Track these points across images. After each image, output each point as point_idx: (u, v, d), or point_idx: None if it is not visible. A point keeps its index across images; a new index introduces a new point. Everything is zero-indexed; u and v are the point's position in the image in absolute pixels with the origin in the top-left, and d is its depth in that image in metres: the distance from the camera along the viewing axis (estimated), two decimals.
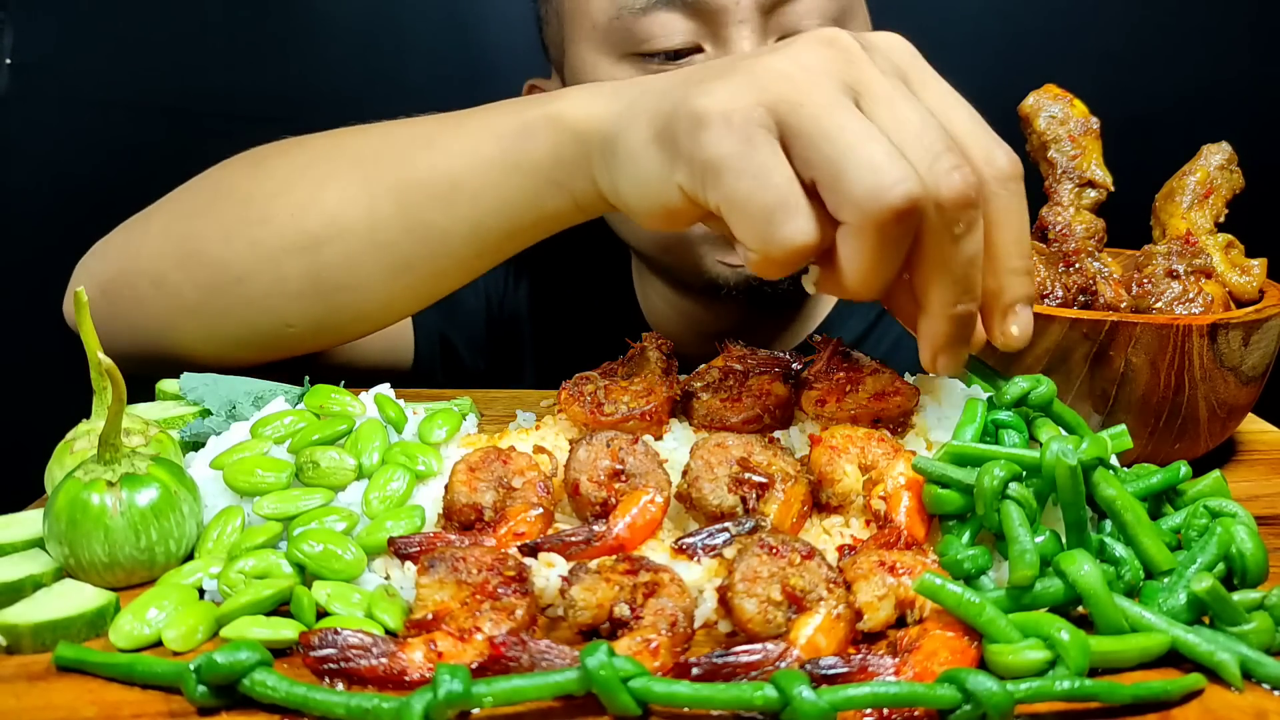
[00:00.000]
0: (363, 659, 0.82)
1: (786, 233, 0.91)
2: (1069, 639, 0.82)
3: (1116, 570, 0.92)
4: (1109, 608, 0.86)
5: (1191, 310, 1.22)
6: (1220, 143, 1.36)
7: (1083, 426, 1.05)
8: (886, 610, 0.89)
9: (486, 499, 1.01)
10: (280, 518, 1.01)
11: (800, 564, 0.88)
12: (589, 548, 0.96)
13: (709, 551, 0.95)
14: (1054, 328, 1.16)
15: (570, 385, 1.17)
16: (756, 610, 0.86)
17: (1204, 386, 1.16)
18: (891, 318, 1.66)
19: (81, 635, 0.89)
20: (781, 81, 0.94)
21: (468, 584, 0.88)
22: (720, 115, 0.94)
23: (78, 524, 0.94)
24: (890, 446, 1.05)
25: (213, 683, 0.79)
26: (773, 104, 0.93)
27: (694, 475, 1.01)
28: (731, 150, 0.93)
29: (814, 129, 0.91)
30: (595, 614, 0.89)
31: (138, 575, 0.97)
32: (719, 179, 0.94)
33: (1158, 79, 2.56)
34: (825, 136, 0.90)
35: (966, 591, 0.85)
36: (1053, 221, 1.33)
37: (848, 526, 1.03)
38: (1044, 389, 1.04)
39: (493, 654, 0.83)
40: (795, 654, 0.84)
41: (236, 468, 1.05)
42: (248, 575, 0.94)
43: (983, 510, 0.93)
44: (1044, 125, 1.36)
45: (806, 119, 0.92)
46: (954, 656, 0.84)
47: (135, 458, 0.98)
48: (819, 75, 0.94)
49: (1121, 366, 1.15)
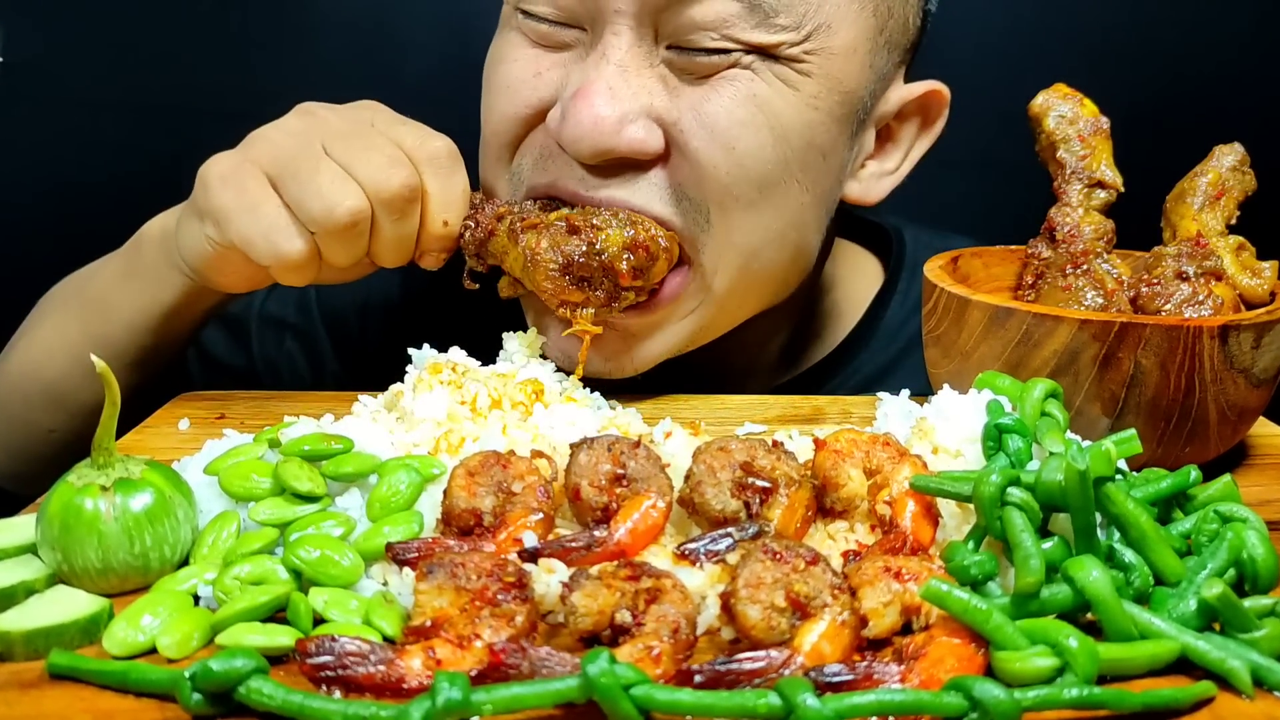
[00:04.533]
0: (360, 666, 0.83)
1: (284, 248, 1.32)
2: (1077, 646, 0.82)
3: (1126, 576, 0.92)
4: (1118, 614, 0.86)
5: (1201, 312, 1.22)
6: (1233, 143, 1.36)
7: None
8: (892, 617, 0.90)
9: (486, 504, 1.02)
10: (276, 523, 1.01)
11: (804, 570, 0.89)
12: (590, 553, 0.97)
13: (712, 557, 0.95)
14: (1062, 329, 1.17)
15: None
16: (760, 617, 0.87)
17: (1214, 389, 1.17)
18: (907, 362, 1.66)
19: (75, 642, 0.89)
20: (265, 143, 1.36)
21: (467, 590, 0.88)
22: (218, 176, 1.34)
23: (71, 529, 0.94)
24: (895, 451, 1.06)
25: (208, 691, 0.80)
26: (257, 159, 1.34)
27: (696, 480, 1.01)
28: (229, 198, 1.33)
29: (283, 172, 1.32)
30: (596, 620, 0.89)
31: (132, 581, 0.97)
32: (228, 221, 1.33)
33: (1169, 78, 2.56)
34: (292, 176, 1.32)
35: (973, 598, 0.85)
36: (1061, 222, 1.34)
37: (853, 532, 1.03)
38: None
39: (492, 661, 0.83)
40: (799, 661, 0.84)
41: (232, 473, 1.05)
42: (243, 581, 0.94)
43: (983, 519, 0.93)
44: (1053, 125, 1.36)
45: (279, 165, 1.33)
46: (960, 664, 0.84)
47: (129, 462, 0.99)
48: (294, 134, 1.36)
49: (1131, 369, 1.16)
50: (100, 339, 1.55)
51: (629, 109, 1.34)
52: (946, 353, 1.29)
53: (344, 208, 1.30)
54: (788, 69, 1.36)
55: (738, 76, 1.35)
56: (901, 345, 1.72)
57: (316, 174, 1.31)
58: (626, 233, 1.35)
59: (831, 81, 1.39)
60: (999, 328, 1.21)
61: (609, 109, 1.32)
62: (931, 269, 1.35)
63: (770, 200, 1.40)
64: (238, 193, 1.32)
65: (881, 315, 1.75)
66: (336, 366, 1.89)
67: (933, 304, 1.31)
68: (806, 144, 1.40)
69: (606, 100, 1.32)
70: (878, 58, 1.45)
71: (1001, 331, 1.21)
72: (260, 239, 1.31)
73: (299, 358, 1.89)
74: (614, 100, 1.33)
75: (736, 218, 1.39)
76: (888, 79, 1.50)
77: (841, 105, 1.42)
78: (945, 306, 1.28)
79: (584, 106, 1.33)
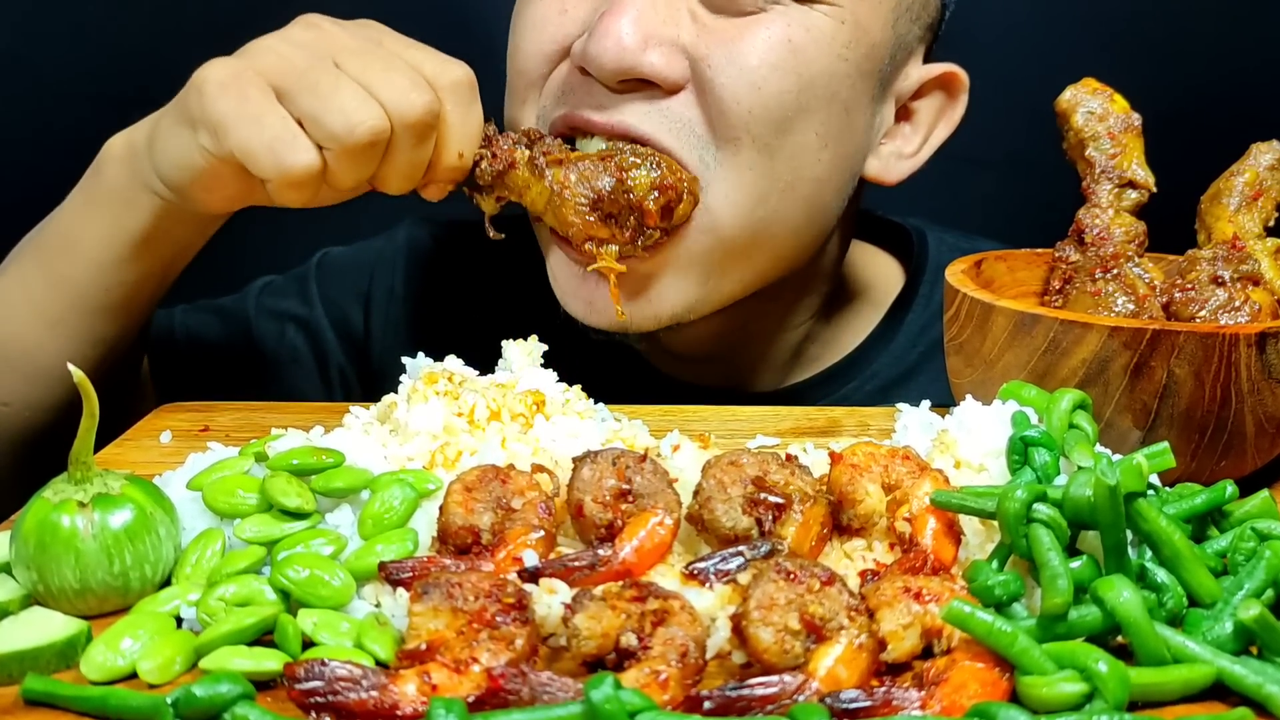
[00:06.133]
0: (352, 692, 0.83)
1: (289, 159, 1.29)
2: (1107, 670, 0.82)
3: (1158, 597, 0.92)
4: (1150, 637, 0.86)
5: (1238, 319, 1.22)
6: (1270, 141, 1.36)
7: None
8: (912, 640, 0.90)
9: (484, 521, 1.02)
10: (263, 541, 1.02)
11: (820, 590, 0.89)
12: (594, 573, 0.97)
13: (722, 577, 0.95)
14: (1091, 337, 1.17)
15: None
16: (773, 640, 0.87)
17: (1251, 400, 1.17)
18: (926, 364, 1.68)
19: (51, 666, 0.89)
20: (269, 54, 1.34)
21: (464, 612, 0.88)
22: (216, 82, 1.31)
23: (47, 547, 0.95)
24: (915, 465, 1.06)
25: (191, 718, 0.80)
26: (262, 69, 1.31)
27: (706, 495, 1.01)
28: (230, 106, 1.29)
29: (296, 85, 1.30)
30: (600, 644, 0.89)
31: (111, 602, 0.97)
32: (227, 130, 1.29)
33: (1203, 72, 2.55)
34: (310, 89, 1.30)
35: (997, 620, 0.85)
36: (1090, 224, 1.34)
37: (870, 550, 1.03)
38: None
39: (491, 687, 0.83)
40: (814, 686, 0.84)
41: (216, 488, 1.06)
42: (228, 602, 0.94)
43: (1008, 536, 0.93)
44: (1082, 122, 1.36)
45: (291, 78, 1.30)
46: (984, 689, 0.84)
47: (108, 476, 0.99)
48: (301, 46, 1.35)
49: (1163, 378, 1.16)
50: (63, 283, 1.50)
51: (655, 33, 1.42)
52: (969, 361, 1.29)
53: (366, 125, 1.29)
54: (821, 15, 1.44)
55: (771, 21, 1.43)
56: (922, 349, 1.74)
57: (337, 89, 1.30)
58: (654, 173, 1.40)
59: (860, 31, 1.47)
60: (1025, 335, 1.21)
61: (635, 28, 1.40)
62: (953, 273, 1.35)
63: (785, 147, 1.46)
64: (239, 100, 1.30)
65: (902, 318, 1.77)
66: (342, 358, 1.92)
67: (955, 310, 1.31)
68: (831, 95, 1.47)
69: (633, 20, 1.40)
70: (900, 21, 1.53)
71: (1027, 339, 1.21)
72: (264, 149, 1.29)
73: (303, 349, 1.92)
74: (640, 21, 1.41)
75: (747, 158, 1.45)
76: (909, 50, 1.58)
77: (868, 59, 1.50)
78: (968, 313, 1.28)
79: (611, 23, 1.40)
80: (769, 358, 1.78)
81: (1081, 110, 1.37)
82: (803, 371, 1.81)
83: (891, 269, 1.87)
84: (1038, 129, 1.08)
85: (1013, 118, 2.02)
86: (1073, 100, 1.37)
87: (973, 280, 1.34)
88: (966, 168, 1.74)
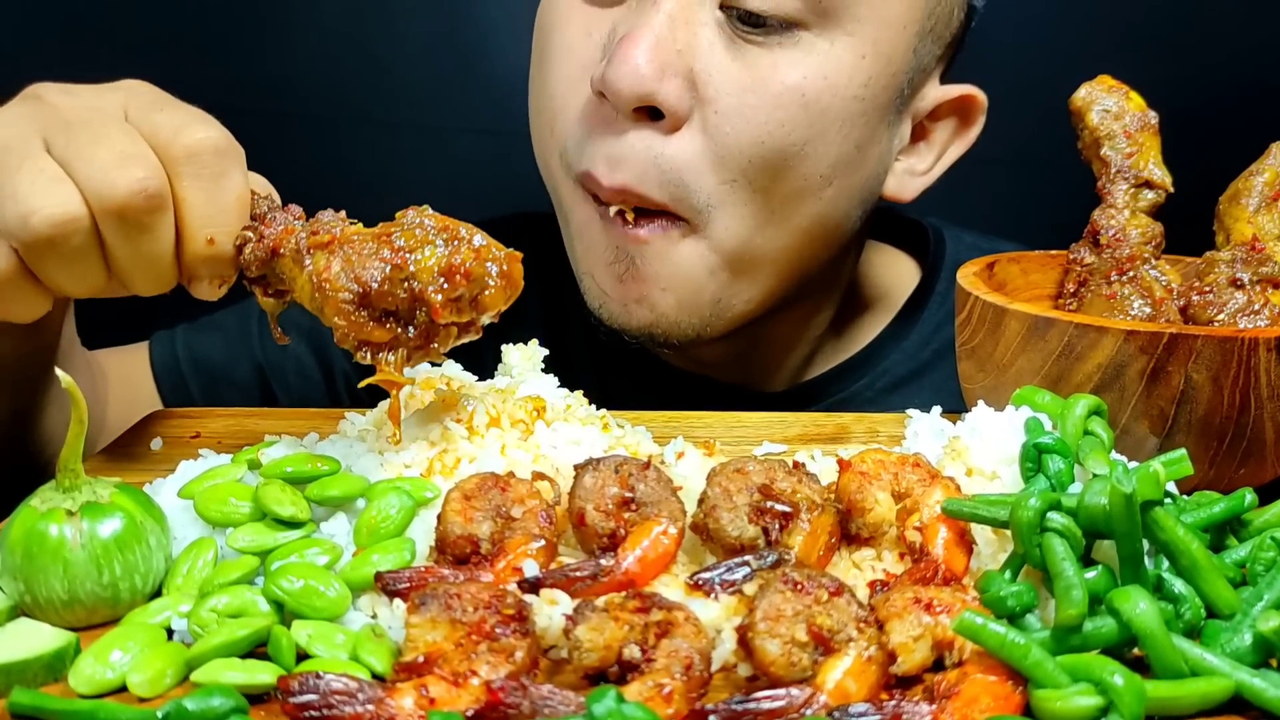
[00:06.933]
0: (347, 706, 0.83)
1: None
2: (1123, 684, 0.82)
3: (1175, 608, 0.92)
4: (1167, 649, 0.86)
5: (1257, 323, 1.22)
6: None
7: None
8: (922, 652, 0.90)
9: (483, 530, 1.02)
10: (256, 551, 1.02)
11: (828, 601, 0.89)
12: (596, 583, 0.97)
13: (727, 588, 0.95)
14: (1106, 341, 1.17)
15: None
16: (780, 652, 0.87)
17: (1271, 405, 1.16)
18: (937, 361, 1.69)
19: (38, 680, 0.89)
20: None
21: (462, 623, 0.89)
22: None
23: (34, 557, 0.95)
24: (926, 472, 1.06)
25: None
26: None
27: (711, 504, 1.01)
28: None
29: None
30: (603, 656, 0.89)
31: (100, 613, 0.97)
32: None
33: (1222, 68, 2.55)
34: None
35: (1010, 632, 0.85)
36: (1106, 225, 1.34)
37: (880, 560, 1.03)
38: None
39: (490, 700, 0.83)
40: (822, 700, 0.84)
41: (208, 496, 1.06)
42: (221, 614, 0.94)
43: (1021, 546, 0.93)
44: (1097, 120, 1.36)
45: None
46: (996, 703, 0.84)
47: (97, 484, 0.99)
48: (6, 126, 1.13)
49: (1181, 384, 1.16)
50: None
51: (670, 63, 1.43)
52: (982, 366, 1.29)
53: (40, 215, 1.06)
54: (842, 49, 1.46)
55: (789, 65, 1.45)
56: (935, 348, 1.75)
57: (18, 173, 1.09)
58: (441, 252, 1.10)
59: (881, 62, 1.48)
60: (1038, 339, 1.21)
61: (652, 55, 1.42)
62: (965, 275, 1.35)
63: (782, 189, 1.49)
64: None
65: (916, 316, 1.78)
66: (347, 365, 1.92)
67: (966, 313, 1.31)
68: (843, 138, 1.49)
69: (650, 47, 1.42)
70: (923, 44, 1.53)
71: (1041, 343, 1.21)
72: None
73: (307, 359, 1.93)
74: (657, 49, 1.42)
75: (743, 195, 1.48)
76: (927, 71, 1.58)
77: (886, 90, 1.51)
78: (980, 316, 1.28)
79: (629, 51, 1.42)
80: (785, 363, 1.80)
81: (1097, 108, 1.37)
82: (815, 370, 1.83)
83: (908, 270, 1.88)
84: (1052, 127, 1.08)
85: (1026, 116, 2.02)
86: (1088, 98, 1.37)
87: (985, 283, 1.34)
88: (978, 167, 1.74)
